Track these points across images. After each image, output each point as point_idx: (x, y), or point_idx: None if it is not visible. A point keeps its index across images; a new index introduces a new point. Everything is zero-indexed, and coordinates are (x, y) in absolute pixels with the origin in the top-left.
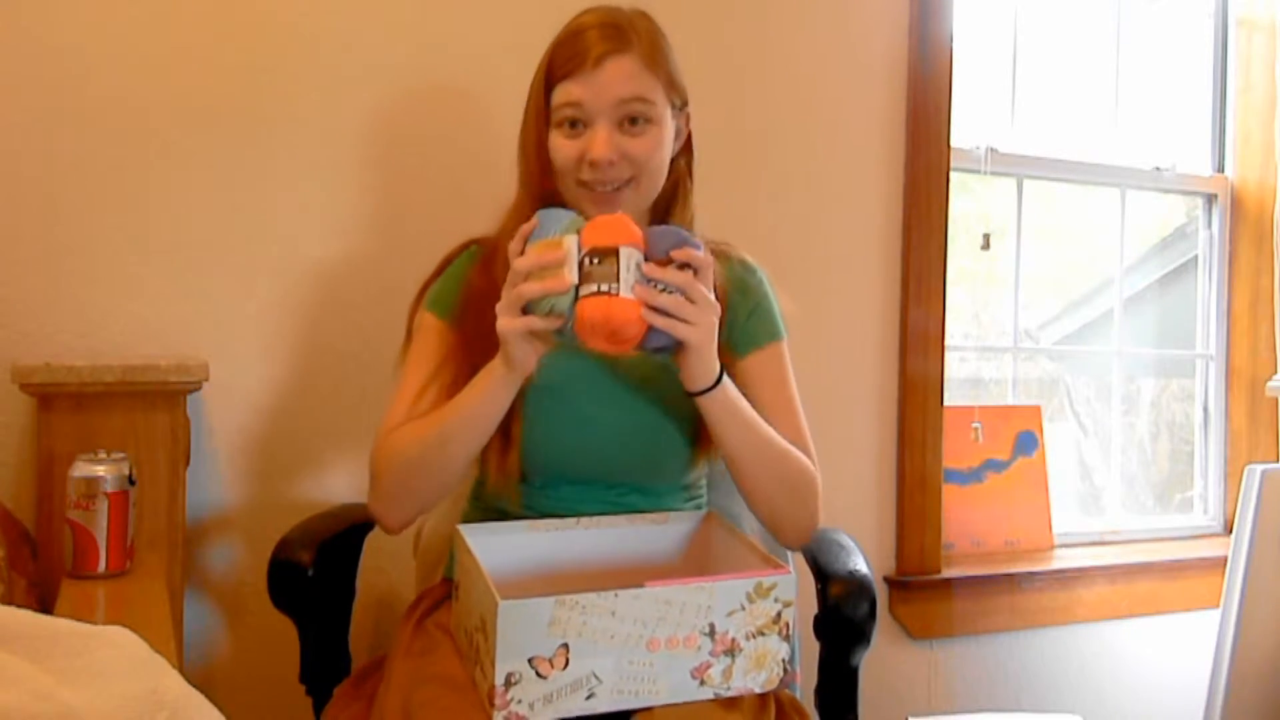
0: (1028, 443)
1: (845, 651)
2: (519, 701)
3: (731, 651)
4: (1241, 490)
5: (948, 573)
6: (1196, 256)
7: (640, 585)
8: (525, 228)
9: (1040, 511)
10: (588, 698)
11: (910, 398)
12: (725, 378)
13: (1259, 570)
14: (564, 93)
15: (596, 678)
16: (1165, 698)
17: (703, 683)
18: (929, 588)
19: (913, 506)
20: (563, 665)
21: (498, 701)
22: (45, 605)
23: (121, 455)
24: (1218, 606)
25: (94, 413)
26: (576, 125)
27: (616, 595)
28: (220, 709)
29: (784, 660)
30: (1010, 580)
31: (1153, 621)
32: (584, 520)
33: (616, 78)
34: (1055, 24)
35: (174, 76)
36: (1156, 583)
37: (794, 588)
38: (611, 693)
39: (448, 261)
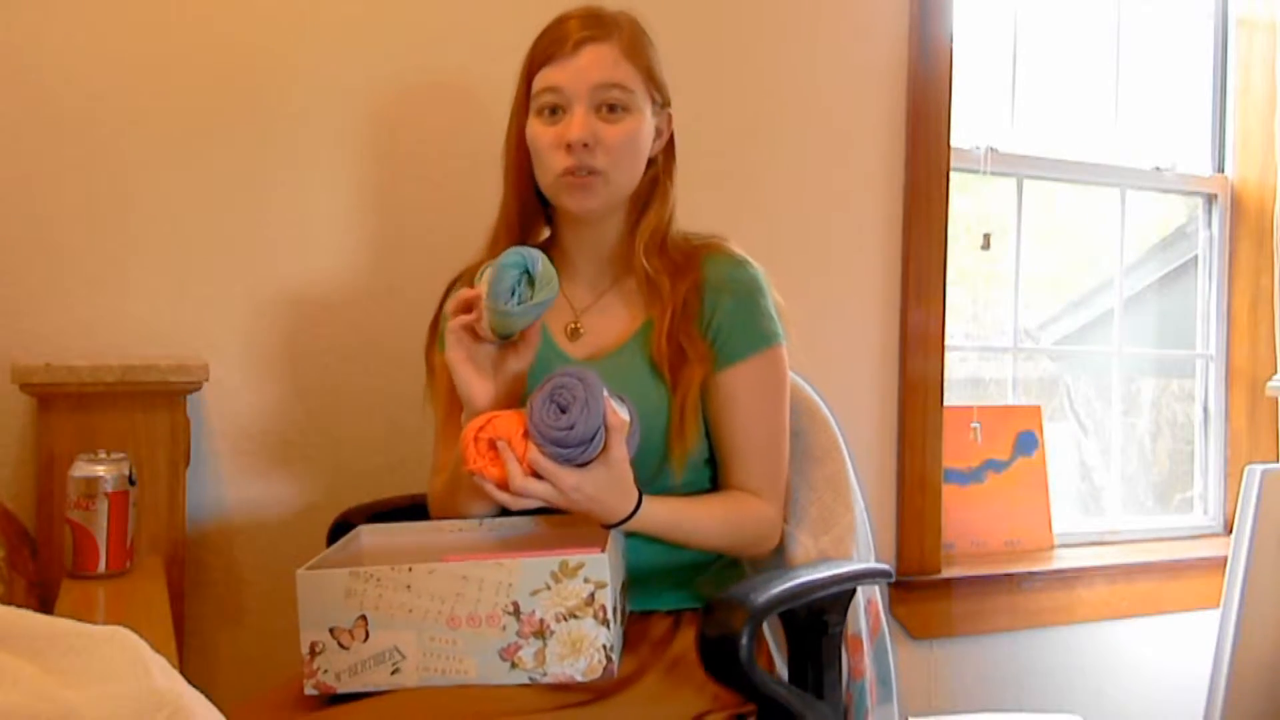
0: (1027, 443)
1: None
2: (325, 671)
3: (541, 634)
4: (1241, 490)
5: (948, 573)
6: (1196, 256)
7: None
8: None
9: (1040, 511)
10: (393, 672)
11: (910, 398)
12: (642, 508)
13: (1259, 570)
14: (544, 79)
15: (399, 652)
16: (1165, 698)
17: (514, 665)
18: (929, 588)
19: (912, 506)
20: (363, 637)
21: (306, 670)
22: (45, 605)
23: (121, 455)
24: (1218, 606)
25: (94, 413)
26: (556, 112)
27: (411, 569)
28: (220, 709)
29: (604, 647)
30: (1010, 580)
31: (1153, 621)
32: (487, 522)
33: (595, 63)
34: (1055, 24)
35: (173, 77)
36: (1156, 583)
37: (606, 569)
38: (418, 669)
39: (443, 297)
